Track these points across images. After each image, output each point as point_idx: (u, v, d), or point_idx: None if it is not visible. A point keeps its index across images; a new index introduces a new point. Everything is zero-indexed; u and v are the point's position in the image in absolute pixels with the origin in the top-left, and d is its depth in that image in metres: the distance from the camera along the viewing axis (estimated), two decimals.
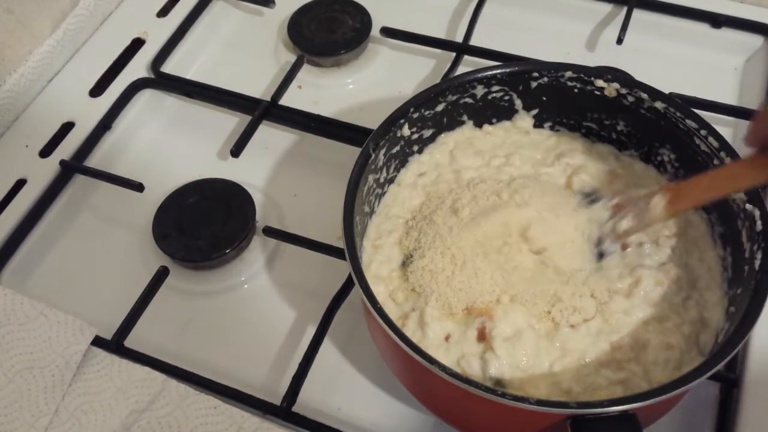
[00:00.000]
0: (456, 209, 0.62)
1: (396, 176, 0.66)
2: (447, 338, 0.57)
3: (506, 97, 0.66)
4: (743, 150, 0.59)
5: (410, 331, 0.57)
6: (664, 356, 0.56)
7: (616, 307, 0.58)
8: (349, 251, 0.55)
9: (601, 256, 0.60)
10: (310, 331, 0.64)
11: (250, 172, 0.76)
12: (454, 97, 0.65)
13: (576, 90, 0.64)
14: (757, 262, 0.53)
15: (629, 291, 0.59)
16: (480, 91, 0.65)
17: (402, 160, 0.66)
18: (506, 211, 0.61)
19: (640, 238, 0.61)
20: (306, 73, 0.83)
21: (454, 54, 0.82)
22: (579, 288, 0.58)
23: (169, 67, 0.84)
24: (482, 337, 0.56)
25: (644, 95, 0.62)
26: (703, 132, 0.60)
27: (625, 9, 0.83)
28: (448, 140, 0.67)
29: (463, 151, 0.67)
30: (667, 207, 0.57)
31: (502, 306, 0.58)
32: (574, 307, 0.57)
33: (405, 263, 0.61)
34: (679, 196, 0.57)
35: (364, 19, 0.85)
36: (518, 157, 0.66)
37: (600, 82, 0.63)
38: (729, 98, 0.77)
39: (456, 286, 0.58)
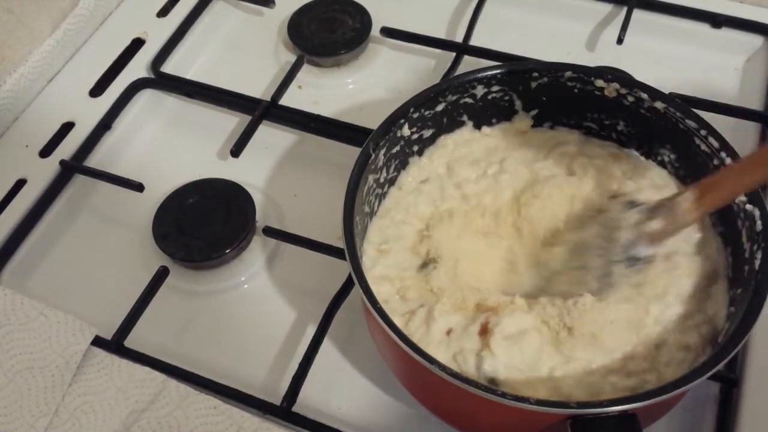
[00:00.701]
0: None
1: (396, 177, 0.66)
2: (448, 332, 0.57)
3: (506, 97, 0.66)
4: (743, 150, 0.59)
5: (414, 326, 0.57)
6: (680, 357, 0.55)
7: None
8: (349, 251, 0.55)
9: (631, 261, 0.58)
10: (310, 331, 0.64)
11: (250, 172, 0.76)
12: (454, 97, 0.65)
13: (576, 90, 0.64)
14: (757, 262, 0.53)
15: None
16: (480, 91, 0.65)
17: (402, 160, 0.66)
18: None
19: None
20: (306, 73, 0.83)
21: (454, 54, 0.82)
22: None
23: (169, 67, 0.84)
24: (484, 331, 0.56)
25: (644, 95, 0.62)
26: (703, 132, 0.60)
27: (625, 9, 0.83)
28: (447, 142, 0.67)
29: (459, 162, 0.67)
30: (695, 204, 0.55)
31: (513, 306, 0.58)
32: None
33: (426, 264, 0.61)
34: (707, 191, 0.55)
35: (364, 19, 0.85)
36: (512, 160, 0.66)
37: (600, 82, 0.63)
38: (729, 98, 0.77)
39: (472, 283, 0.60)
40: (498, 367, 0.55)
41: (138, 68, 0.84)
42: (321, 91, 0.83)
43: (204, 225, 0.70)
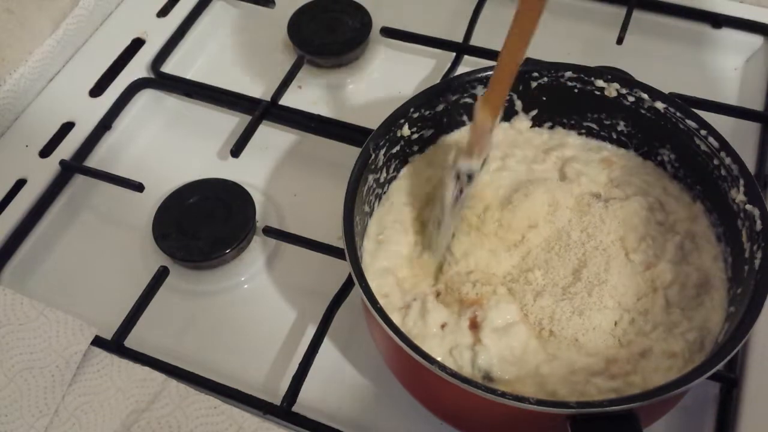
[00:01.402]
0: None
1: (397, 175, 0.66)
2: (443, 327, 0.57)
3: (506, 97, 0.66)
4: (744, 150, 0.59)
5: (412, 321, 0.57)
6: (667, 364, 0.55)
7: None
8: (349, 251, 0.55)
9: (463, 180, 0.58)
10: (310, 331, 0.64)
11: (250, 172, 0.76)
12: (454, 97, 0.65)
13: (576, 90, 0.64)
14: (757, 262, 0.53)
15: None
16: (480, 91, 0.65)
17: (402, 160, 0.66)
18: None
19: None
20: (306, 73, 0.83)
21: (454, 54, 0.82)
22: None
23: (169, 67, 0.84)
24: (474, 325, 0.57)
25: (644, 95, 0.62)
26: (703, 132, 0.60)
27: (625, 9, 0.83)
28: (449, 142, 0.67)
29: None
30: (482, 104, 0.56)
31: (497, 297, 0.58)
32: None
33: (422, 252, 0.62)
34: (487, 95, 0.56)
35: (364, 19, 0.85)
36: (513, 159, 0.66)
37: (600, 82, 0.64)
38: (729, 98, 0.77)
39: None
40: (492, 360, 0.55)
41: (138, 68, 0.84)
42: (321, 91, 0.83)
43: (204, 225, 0.70)
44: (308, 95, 0.82)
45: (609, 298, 0.58)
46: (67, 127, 0.79)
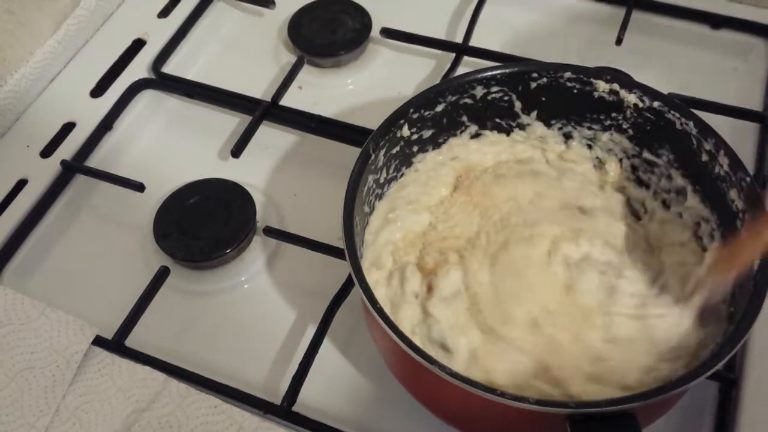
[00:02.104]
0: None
1: (397, 175, 0.66)
2: (416, 296, 0.58)
3: (506, 98, 0.66)
4: (743, 150, 0.59)
5: (393, 289, 0.58)
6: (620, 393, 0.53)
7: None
8: (349, 251, 0.55)
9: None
10: (310, 331, 0.64)
11: (251, 172, 0.76)
12: (454, 98, 0.65)
13: (575, 90, 0.65)
14: (757, 262, 0.54)
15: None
16: (479, 91, 0.65)
17: (402, 160, 0.66)
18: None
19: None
20: (306, 73, 0.83)
21: (453, 54, 0.82)
22: None
23: (169, 68, 0.84)
24: (431, 292, 0.58)
25: (643, 95, 0.62)
26: (702, 132, 0.60)
27: (624, 9, 0.83)
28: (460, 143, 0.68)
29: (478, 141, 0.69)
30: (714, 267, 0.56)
31: (448, 266, 0.59)
32: None
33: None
34: (731, 254, 0.56)
35: (364, 19, 0.86)
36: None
37: (599, 83, 0.64)
38: (729, 99, 0.77)
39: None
40: (444, 331, 0.56)
41: (139, 69, 0.84)
42: (321, 91, 0.83)
43: (205, 225, 0.71)
44: (308, 95, 0.82)
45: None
46: (68, 128, 0.79)
